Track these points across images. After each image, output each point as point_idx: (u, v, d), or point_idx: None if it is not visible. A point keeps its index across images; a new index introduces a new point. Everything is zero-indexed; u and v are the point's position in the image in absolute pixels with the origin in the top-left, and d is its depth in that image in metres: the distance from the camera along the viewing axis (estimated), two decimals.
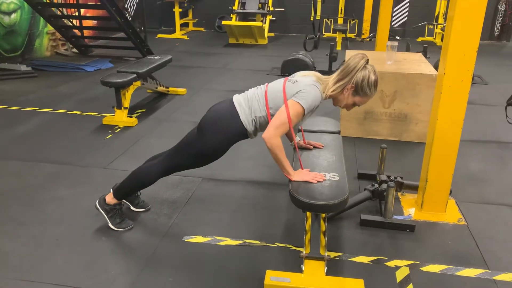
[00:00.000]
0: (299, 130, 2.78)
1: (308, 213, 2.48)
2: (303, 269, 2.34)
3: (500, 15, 9.87)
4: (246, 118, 2.42)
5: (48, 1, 7.41)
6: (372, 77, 2.33)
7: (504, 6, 9.77)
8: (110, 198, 2.77)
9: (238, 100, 2.47)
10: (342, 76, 2.33)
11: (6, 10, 6.85)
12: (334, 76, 2.37)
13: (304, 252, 2.36)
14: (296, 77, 2.42)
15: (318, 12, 9.09)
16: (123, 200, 2.89)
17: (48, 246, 2.62)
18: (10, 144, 4.10)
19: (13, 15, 7.01)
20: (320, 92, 2.34)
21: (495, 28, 10.00)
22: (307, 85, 2.33)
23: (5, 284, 2.32)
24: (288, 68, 6.77)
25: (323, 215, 2.54)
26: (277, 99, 2.37)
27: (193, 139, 2.53)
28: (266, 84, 2.51)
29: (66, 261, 2.50)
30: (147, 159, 2.91)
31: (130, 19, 7.71)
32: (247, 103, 2.43)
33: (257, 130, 2.49)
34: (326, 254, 2.36)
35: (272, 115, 2.37)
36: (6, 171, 3.56)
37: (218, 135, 2.45)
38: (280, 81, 2.46)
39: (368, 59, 2.35)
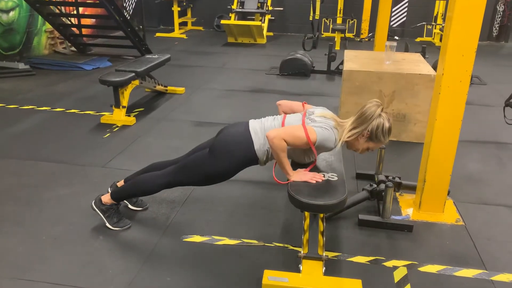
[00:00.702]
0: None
1: (306, 213, 2.47)
2: (301, 269, 2.34)
3: (499, 15, 9.90)
4: (260, 148, 2.42)
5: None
6: (387, 125, 2.36)
7: (503, 6, 9.79)
8: (106, 199, 2.77)
9: (254, 128, 2.46)
10: (358, 124, 2.36)
11: (4, 8, 6.83)
12: (350, 123, 2.39)
13: (302, 252, 2.36)
14: (315, 115, 2.42)
15: (317, 12, 9.07)
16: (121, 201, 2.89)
17: (46, 245, 2.62)
18: (8, 143, 4.09)
19: (11, 13, 6.99)
20: (336, 138, 2.35)
21: (494, 28, 10.02)
22: (326, 125, 2.35)
23: (3, 283, 2.31)
24: (287, 68, 6.77)
25: (321, 215, 2.54)
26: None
27: (203, 159, 2.50)
28: (283, 115, 2.51)
29: (64, 260, 2.49)
30: (149, 165, 2.89)
31: (128, 17, 7.69)
32: (263, 133, 2.42)
33: (268, 160, 2.49)
34: (324, 254, 2.36)
35: (288, 147, 2.36)
36: (4, 170, 3.55)
37: (229, 160, 2.44)
38: (298, 116, 2.46)
39: (383, 107, 2.38)
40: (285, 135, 2.27)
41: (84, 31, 8.38)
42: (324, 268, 2.35)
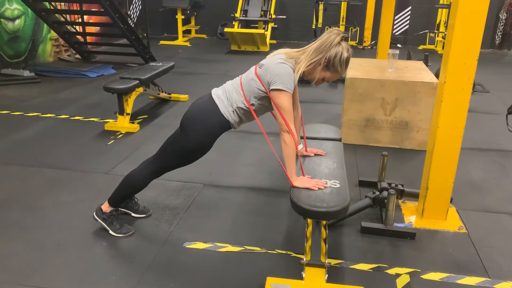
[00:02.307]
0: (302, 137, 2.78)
1: (309, 220, 2.48)
2: (303, 276, 2.34)
3: (501, 23, 9.92)
4: (226, 110, 2.44)
5: (51, 8, 7.47)
6: (345, 54, 2.30)
7: (505, 14, 9.81)
8: (106, 207, 2.79)
9: (217, 93, 2.50)
10: (317, 52, 2.31)
11: (10, 16, 6.91)
12: (307, 52, 2.34)
13: (304, 259, 2.36)
14: (264, 60, 2.42)
15: (320, 20, 9.14)
16: (121, 209, 2.90)
17: (50, 251, 2.63)
18: (13, 149, 4.12)
19: (17, 21, 7.07)
20: (290, 66, 2.32)
21: (496, 36, 10.04)
22: (274, 66, 2.32)
23: None
24: None
25: (324, 222, 2.54)
26: (251, 86, 2.40)
27: (176, 137, 2.55)
28: (240, 76, 2.54)
29: (67, 266, 2.50)
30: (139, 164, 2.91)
31: (133, 25, 7.77)
32: (225, 95, 2.46)
33: (242, 121, 2.50)
34: (326, 261, 2.36)
35: (252, 104, 2.41)
36: (8, 176, 3.57)
37: (200, 130, 2.46)
38: (252, 69, 2.47)
39: (344, 36, 2.33)
40: (289, 119, 2.27)
41: (89, 38, 8.45)
42: (327, 275, 2.35)
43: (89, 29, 8.71)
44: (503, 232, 2.96)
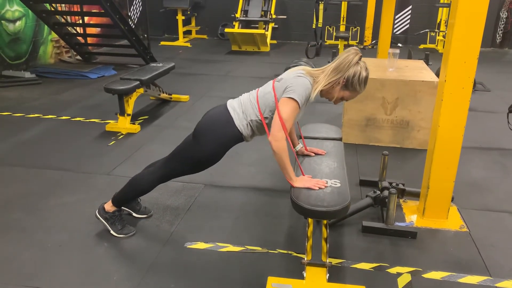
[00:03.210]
0: (300, 137, 2.79)
1: (310, 220, 2.48)
2: (304, 275, 2.34)
3: (502, 22, 9.91)
4: (241, 123, 2.43)
5: (52, 9, 7.48)
6: (363, 74, 2.33)
7: (506, 13, 9.80)
8: (109, 206, 2.79)
9: (232, 105, 2.49)
10: (336, 72, 2.33)
11: (11, 18, 6.92)
12: (326, 72, 2.36)
13: (305, 259, 2.37)
14: (282, 74, 2.44)
15: (320, 20, 9.14)
16: (124, 208, 2.91)
17: (51, 252, 2.64)
18: (14, 151, 4.13)
19: (18, 23, 7.08)
20: (308, 81, 2.33)
21: (497, 35, 10.02)
22: (293, 78, 2.34)
23: None
24: None
25: (325, 221, 2.54)
26: (267, 100, 2.39)
27: (189, 145, 2.54)
28: (257, 88, 2.53)
29: (69, 267, 2.51)
30: (146, 166, 2.92)
31: (133, 26, 7.77)
32: (241, 108, 2.46)
33: (254, 134, 2.50)
34: (327, 261, 2.36)
35: (266, 118, 2.40)
36: (9, 178, 3.58)
37: (213, 141, 2.46)
38: (269, 83, 2.49)
39: (361, 55, 2.35)
40: (279, 130, 2.25)
41: (90, 40, 8.46)
42: (328, 274, 2.35)
43: (90, 30, 8.73)
44: (504, 231, 2.96)
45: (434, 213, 3.01)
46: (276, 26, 10.11)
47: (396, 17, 10.25)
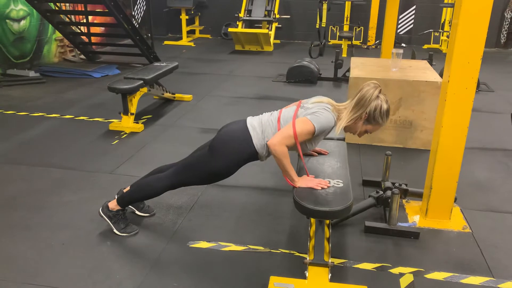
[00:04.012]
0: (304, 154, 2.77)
1: (312, 220, 2.48)
2: (307, 275, 2.34)
3: (507, 22, 9.87)
4: (259, 142, 2.44)
5: (56, 8, 7.51)
6: (385, 107, 2.36)
7: (511, 13, 9.76)
8: (113, 205, 2.80)
9: (252, 123, 2.49)
10: (357, 108, 2.36)
11: (16, 17, 6.95)
12: (348, 108, 2.39)
13: (308, 259, 2.37)
14: (309, 103, 2.44)
15: (324, 20, 9.12)
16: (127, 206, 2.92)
17: (55, 250, 2.65)
18: (18, 149, 4.15)
19: (22, 22, 7.11)
20: (334, 117, 2.36)
21: (502, 35, 9.99)
22: (321, 109, 2.36)
23: (12, 287, 2.35)
24: (294, 75, 6.81)
25: (327, 221, 2.54)
26: (288, 121, 2.39)
27: (204, 158, 2.53)
28: (280, 110, 2.53)
29: (72, 265, 2.52)
30: (155, 168, 2.92)
31: (137, 26, 7.79)
32: (261, 128, 2.45)
33: (269, 154, 2.50)
34: (330, 261, 2.36)
35: None
36: (14, 176, 3.60)
37: (229, 157, 2.46)
38: (294, 106, 2.48)
39: (381, 89, 2.39)
40: (284, 139, 2.28)
41: (93, 39, 8.48)
42: (330, 274, 2.35)
43: (94, 29, 8.75)
44: (507, 231, 2.95)
45: (437, 214, 3.01)
46: (280, 25, 10.12)
47: (400, 17, 10.23)
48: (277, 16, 9.78)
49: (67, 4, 7.92)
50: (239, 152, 2.46)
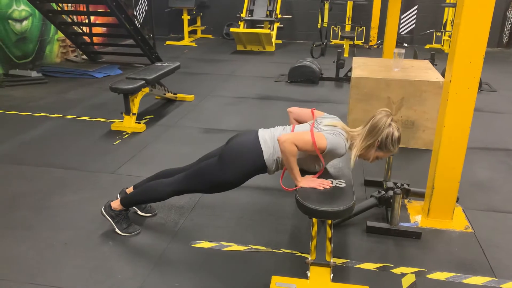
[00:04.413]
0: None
1: (314, 220, 2.48)
2: (309, 275, 2.34)
3: (509, 22, 9.85)
4: (270, 157, 2.44)
5: (59, 9, 7.52)
6: (396, 134, 2.38)
7: None
8: (116, 205, 2.80)
9: (264, 137, 2.48)
10: (370, 136, 2.37)
11: (18, 18, 6.97)
12: (361, 135, 2.40)
13: (310, 259, 2.37)
14: (323, 124, 2.44)
15: (326, 20, 9.13)
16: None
17: (57, 250, 2.65)
18: (20, 149, 4.16)
19: (25, 22, 7.12)
20: (346, 144, 2.38)
21: (504, 35, 9.97)
22: (336, 132, 2.38)
23: (13, 287, 2.35)
24: (295, 75, 6.80)
25: (329, 221, 2.54)
26: None
27: (212, 167, 2.53)
28: (293, 125, 2.54)
29: (74, 265, 2.52)
30: (159, 171, 2.93)
31: (139, 26, 7.80)
32: (272, 143, 2.45)
33: (278, 169, 2.51)
34: (332, 261, 2.36)
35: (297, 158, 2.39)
36: (15, 176, 3.61)
37: (239, 168, 2.47)
38: (307, 126, 2.48)
39: (392, 117, 2.40)
40: (296, 140, 2.29)
41: (95, 39, 8.49)
42: (332, 274, 2.35)
43: (96, 29, 8.76)
44: (509, 231, 2.94)
45: (439, 214, 3.00)
46: (282, 25, 10.12)
47: (402, 17, 10.21)
48: (279, 16, 9.78)
49: (69, 5, 7.94)
50: (249, 165, 2.46)
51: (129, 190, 2.94)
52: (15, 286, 2.35)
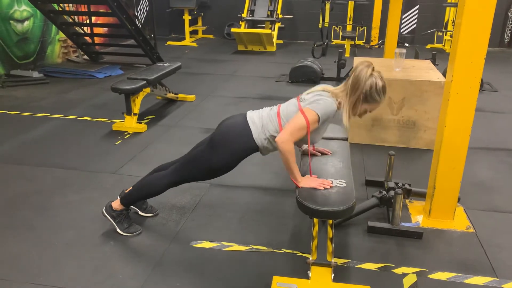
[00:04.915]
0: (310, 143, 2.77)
1: (315, 220, 2.48)
2: (310, 275, 2.34)
3: (510, 22, 9.83)
4: (259, 136, 2.44)
5: (60, 9, 7.53)
6: (380, 83, 2.34)
7: None
8: (117, 205, 2.81)
9: (252, 117, 2.49)
10: (355, 91, 2.34)
11: (19, 18, 6.98)
12: (345, 91, 2.38)
13: (311, 259, 2.37)
14: (305, 94, 2.44)
15: (327, 20, 9.11)
16: (131, 206, 2.93)
17: (58, 250, 2.66)
18: (22, 150, 4.17)
19: (26, 23, 7.13)
20: (334, 101, 2.36)
21: (505, 35, 9.95)
22: (317, 95, 2.37)
23: (15, 287, 2.35)
24: (296, 75, 6.80)
25: (330, 221, 2.54)
26: (290, 117, 2.39)
27: (204, 153, 2.54)
28: (279, 104, 2.54)
29: (75, 265, 2.53)
30: (156, 166, 2.93)
31: (140, 26, 7.78)
32: (261, 122, 2.46)
33: (270, 148, 2.50)
34: (333, 261, 2.36)
35: None
36: (17, 176, 3.61)
37: (229, 151, 2.47)
38: (293, 101, 2.49)
39: (373, 67, 2.36)
40: (293, 132, 2.28)
41: (97, 39, 8.50)
42: (333, 274, 2.35)
43: (97, 30, 8.76)
44: (511, 231, 2.94)
45: (440, 214, 3.00)
46: (283, 26, 10.11)
47: (403, 16, 10.20)
48: (280, 16, 9.77)
49: (71, 5, 7.95)
50: (240, 146, 2.46)
51: (128, 190, 2.94)
52: (16, 286, 2.36)
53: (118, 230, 2.80)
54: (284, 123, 2.40)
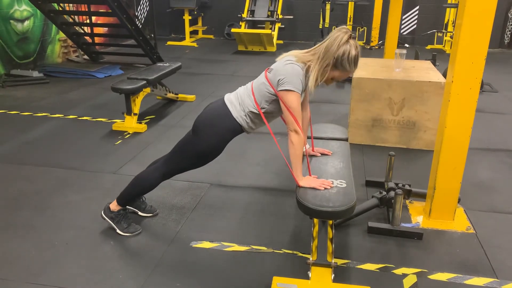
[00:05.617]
0: (309, 137, 2.78)
1: (315, 220, 2.48)
2: (310, 276, 2.34)
3: (510, 23, 9.83)
4: (239, 114, 2.46)
5: (60, 9, 7.53)
6: (353, 52, 2.25)
7: None
8: (114, 206, 2.81)
9: (229, 98, 2.53)
10: (327, 56, 2.26)
11: (19, 18, 6.98)
12: (317, 55, 2.29)
13: (311, 259, 2.36)
14: (273, 64, 2.42)
15: (327, 20, 9.13)
16: (129, 207, 2.92)
17: (58, 250, 2.66)
18: (22, 149, 4.16)
19: (26, 22, 7.13)
20: (299, 66, 2.30)
21: (505, 36, 9.95)
22: (283, 67, 2.32)
23: (15, 287, 2.35)
24: None
25: (330, 221, 2.54)
26: (262, 91, 2.41)
27: (189, 140, 2.57)
28: (252, 81, 2.55)
29: (75, 265, 2.53)
30: (149, 164, 2.93)
31: (140, 26, 7.80)
32: (238, 100, 2.49)
33: (255, 125, 2.50)
34: (333, 261, 2.36)
35: (263, 108, 2.42)
36: (17, 176, 3.61)
37: (213, 134, 2.48)
38: (262, 74, 2.48)
39: (351, 34, 2.28)
40: (293, 123, 2.28)
41: (97, 39, 8.50)
42: (333, 275, 2.35)
43: (97, 30, 8.77)
44: (511, 232, 2.93)
45: (440, 214, 3.00)
46: (283, 26, 10.11)
47: (403, 17, 10.21)
48: (280, 16, 9.77)
49: (71, 5, 7.95)
50: (222, 128, 2.47)
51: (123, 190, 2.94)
52: (16, 285, 2.36)
53: (118, 230, 2.80)
54: (258, 98, 2.42)
